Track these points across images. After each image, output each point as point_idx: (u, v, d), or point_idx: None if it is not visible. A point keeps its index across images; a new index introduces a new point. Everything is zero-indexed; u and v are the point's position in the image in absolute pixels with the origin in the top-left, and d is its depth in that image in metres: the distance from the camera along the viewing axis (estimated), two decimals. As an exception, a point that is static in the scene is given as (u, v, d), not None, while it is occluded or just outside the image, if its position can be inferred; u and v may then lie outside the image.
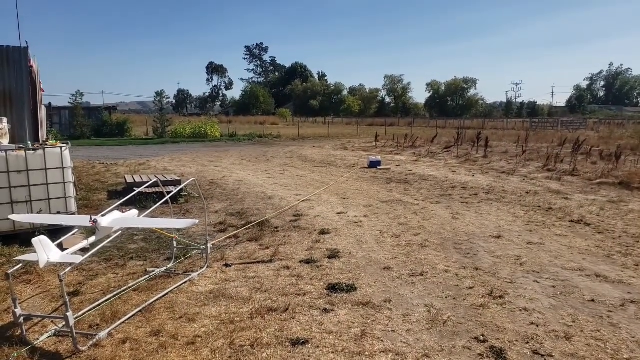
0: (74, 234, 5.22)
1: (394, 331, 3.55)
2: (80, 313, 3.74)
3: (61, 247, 3.73)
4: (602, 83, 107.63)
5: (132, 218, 4.13)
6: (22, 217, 4.60)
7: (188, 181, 5.97)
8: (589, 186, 10.43)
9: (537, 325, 3.66)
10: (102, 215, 3.85)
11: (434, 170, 13.53)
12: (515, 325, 3.65)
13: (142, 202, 7.51)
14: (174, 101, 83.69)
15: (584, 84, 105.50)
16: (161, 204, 5.09)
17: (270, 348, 3.28)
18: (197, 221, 4.03)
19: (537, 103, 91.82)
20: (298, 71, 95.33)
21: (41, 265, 3.20)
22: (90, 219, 3.72)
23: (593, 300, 4.17)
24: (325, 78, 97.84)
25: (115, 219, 3.86)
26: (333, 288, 4.37)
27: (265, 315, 3.79)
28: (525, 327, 3.64)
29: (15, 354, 3.13)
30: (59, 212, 6.17)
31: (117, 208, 4.21)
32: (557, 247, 5.81)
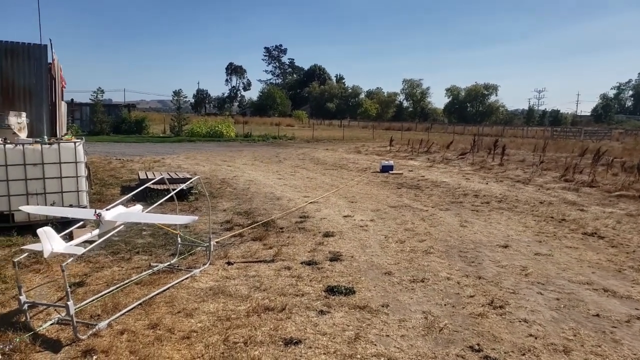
0: (85, 226, 5.37)
1: (388, 336, 3.53)
2: (82, 303, 3.84)
3: (72, 237, 3.85)
4: (631, 92, 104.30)
5: (135, 213, 4.22)
6: (31, 209, 4.75)
7: (193, 179, 6.07)
8: (607, 198, 10.17)
9: (536, 338, 3.59)
10: (107, 210, 3.95)
11: (447, 176, 13.40)
12: (513, 336, 3.59)
13: (152, 198, 7.64)
14: (192, 100, 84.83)
15: (611, 93, 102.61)
16: (167, 200, 5.18)
17: (263, 346, 3.30)
18: (196, 217, 4.11)
19: (560, 111, 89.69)
20: (316, 73, 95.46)
21: (45, 255, 3.31)
22: (95, 212, 3.82)
23: (598, 315, 4.07)
24: (343, 81, 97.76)
25: (119, 214, 3.95)
26: (332, 290, 4.37)
27: (262, 314, 3.82)
28: (523, 338, 3.57)
29: (18, 339, 3.23)
30: (71, 205, 6.34)
31: (123, 203, 4.30)
32: (566, 259, 5.68)
